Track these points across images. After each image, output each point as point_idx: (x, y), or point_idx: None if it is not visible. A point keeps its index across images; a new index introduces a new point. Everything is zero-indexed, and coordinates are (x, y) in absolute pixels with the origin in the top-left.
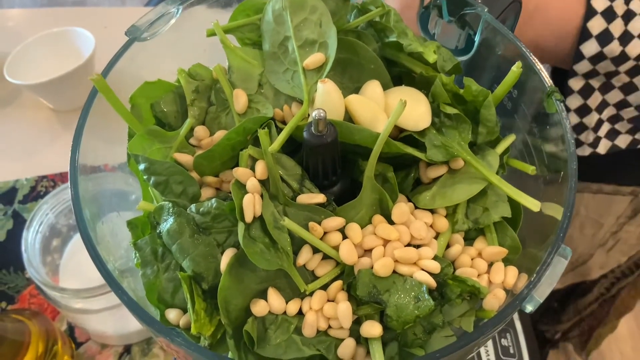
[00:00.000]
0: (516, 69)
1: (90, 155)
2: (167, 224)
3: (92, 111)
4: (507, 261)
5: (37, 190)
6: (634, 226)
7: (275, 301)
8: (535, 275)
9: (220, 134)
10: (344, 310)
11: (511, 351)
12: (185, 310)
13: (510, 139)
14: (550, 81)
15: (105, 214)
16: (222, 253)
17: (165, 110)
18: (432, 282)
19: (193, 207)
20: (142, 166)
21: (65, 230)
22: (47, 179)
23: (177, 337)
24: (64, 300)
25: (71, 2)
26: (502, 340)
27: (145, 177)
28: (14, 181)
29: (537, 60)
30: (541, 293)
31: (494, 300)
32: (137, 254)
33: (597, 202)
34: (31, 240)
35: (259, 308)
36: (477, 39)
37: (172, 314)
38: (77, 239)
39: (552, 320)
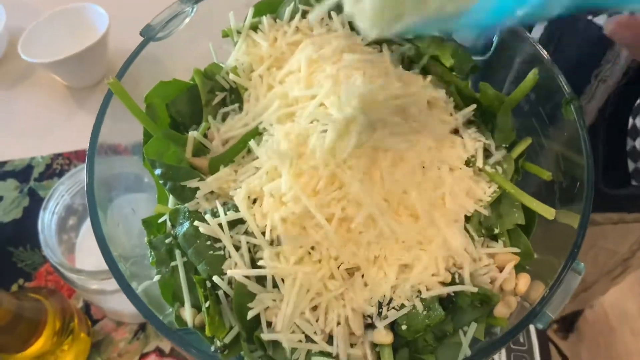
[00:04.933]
0: (532, 75)
1: (107, 136)
2: (183, 227)
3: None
4: (519, 268)
5: (53, 167)
6: None
7: None
8: (548, 291)
9: (235, 135)
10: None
11: (521, 340)
12: (199, 309)
13: (526, 143)
14: (569, 87)
15: (120, 196)
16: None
17: (180, 109)
18: (443, 291)
19: (209, 211)
20: (158, 171)
21: (81, 209)
22: (63, 157)
23: (189, 346)
24: (80, 282)
25: None
26: None
27: (161, 181)
28: (29, 159)
29: (554, 65)
30: (553, 309)
31: (505, 308)
32: (153, 253)
33: (616, 231)
34: (47, 221)
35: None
36: (495, 39)
37: (187, 313)
38: None
39: None
